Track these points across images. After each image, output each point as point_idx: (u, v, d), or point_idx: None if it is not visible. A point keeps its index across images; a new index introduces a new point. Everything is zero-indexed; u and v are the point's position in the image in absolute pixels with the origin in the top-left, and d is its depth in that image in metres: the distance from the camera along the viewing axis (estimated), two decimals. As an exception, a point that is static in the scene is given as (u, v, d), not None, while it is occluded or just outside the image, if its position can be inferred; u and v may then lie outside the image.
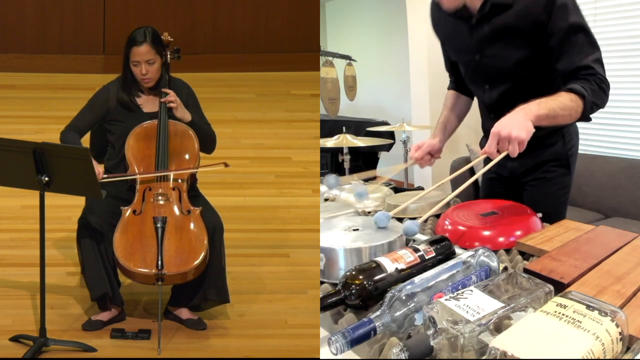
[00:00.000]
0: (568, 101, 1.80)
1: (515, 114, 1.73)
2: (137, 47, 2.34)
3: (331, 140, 4.31)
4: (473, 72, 2.17)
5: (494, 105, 2.13)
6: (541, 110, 1.75)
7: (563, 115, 1.81)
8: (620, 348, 0.98)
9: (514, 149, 1.67)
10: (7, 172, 2.15)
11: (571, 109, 1.80)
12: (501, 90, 2.09)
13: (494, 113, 2.11)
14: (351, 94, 6.59)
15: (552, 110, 1.78)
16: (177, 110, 2.38)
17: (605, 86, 1.86)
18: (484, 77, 2.13)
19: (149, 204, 2.31)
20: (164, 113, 2.38)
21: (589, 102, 1.80)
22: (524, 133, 1.67)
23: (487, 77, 2.12)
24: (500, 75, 2.06)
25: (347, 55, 6.48)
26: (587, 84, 1.81)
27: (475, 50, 2.07)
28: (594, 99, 1.81)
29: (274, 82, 3.74)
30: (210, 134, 2.46)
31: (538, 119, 1.73)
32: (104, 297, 2.27)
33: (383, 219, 1.57)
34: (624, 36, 4.31)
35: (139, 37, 2.34)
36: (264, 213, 2.89)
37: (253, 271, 2.58)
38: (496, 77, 2.08)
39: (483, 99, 2.21)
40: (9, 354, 2.17)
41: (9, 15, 3.79)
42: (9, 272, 2.53)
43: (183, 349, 2.24)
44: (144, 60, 2.34)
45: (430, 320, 1.04)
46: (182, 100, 2.39)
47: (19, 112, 3.44)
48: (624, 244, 1.52)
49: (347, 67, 6.54)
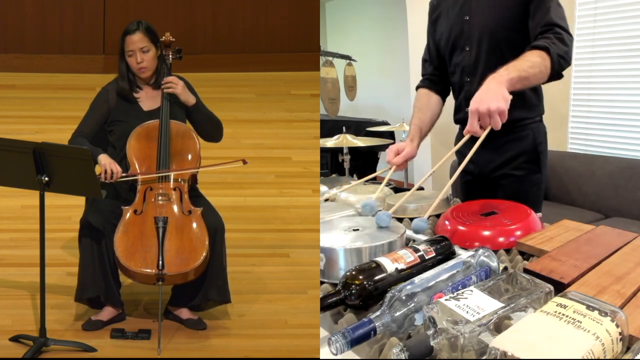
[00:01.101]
0: (534, 57, 1.83)
1: (487, 86, 1.73)
2: (130, 36, 2.35)
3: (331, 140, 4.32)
4: (458, 35, 2.22)
5: (472, 66, 2.19)
6: (512, 74, 1.76)
7: (534, 74, 1.83)
8: (620, 348, 0.98)
9: (496, 122, 1.68)
10: (7, 172, 2.15)
11: (540, 65, 1.83)
12: (481, 49, 2.15)
13: (470, 76, 2.21)
14: (351, 94, 6.60)
15: (523, 71, 1.80)
16: (180, 94, 2.38)
17: (567, 37, 1.90)
18: (467, 37, 2.19)
19: (150, 204, 2.31)
20: (165, 112, 2.38)
21: (555, 54, 1.83)
22: (502, 102, 1.67)
23: (469, 38, 2.18)
24: (483, 35, 2.14)
25: (347, 55, 6.48)
26: (548, 40, 1.86)
27: (465, 12, 2.18)
28: (558, 52, 1.85)
29: (274, 82, 3.74)
30: (215, 118, 2.46)
31: (511, 82, 1.74)
32: (94, 300, 2.27)
33: (384, 218, 1.57)
34: (624, 36, 4.31)
35: (132, 27, 2.36)
36: (264, 213, 2.89)
37: (253, 271, 2.58)
38: (478, 37, 2.15)
39: (462, 63, 2.24)
40: (9, 354, 2.17)
41: (9, 15, 3.78)
42: (9, 272, 2.53)
43: (183, 349, 2.24)
44: (138, 48, 2.35)
45: (430, 321, 1.04)
46: None
47: (19, 112, 3.44)
48: (624, 244, 1.52)
49: (347, 67, 6.55)
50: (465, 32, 2.20)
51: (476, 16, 2.16)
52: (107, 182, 2.29)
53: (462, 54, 2.24)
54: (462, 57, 2.24)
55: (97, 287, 2.25)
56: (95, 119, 2.41)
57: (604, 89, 4.51)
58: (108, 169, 2.29)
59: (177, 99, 2.40)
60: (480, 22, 2.14)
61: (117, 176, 2.29)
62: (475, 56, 2.18)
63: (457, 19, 2.22)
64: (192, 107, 2.42)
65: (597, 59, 4.49)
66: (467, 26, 2.18)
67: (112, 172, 2.29)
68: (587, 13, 4.52)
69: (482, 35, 2.15)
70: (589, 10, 4.51)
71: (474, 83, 2.19)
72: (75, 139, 2.37)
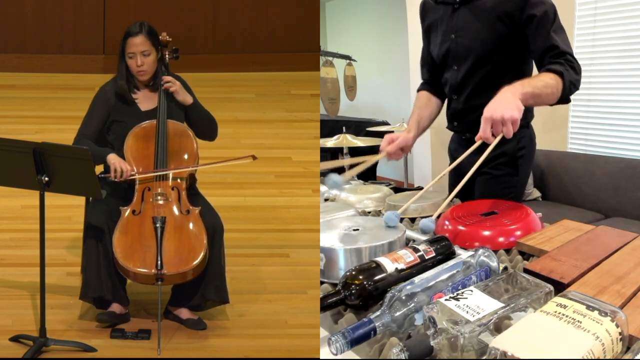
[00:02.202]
0: (548, 79, 1.87)
1: (502, 95, 1.76)
2: (132, 38, 2.35)
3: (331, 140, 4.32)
4: (446, 53, 2.23)
5: (457, 85, 2.22)
6: (526, 88, 1.79)
7: (547, 94, 1.87)
8: (620, 348, 0.98)
9: (508, 130, 1.69)
10: (7, 172, 2.15)
11: (553, 87, 1.87)
12: (466, 70, 2.17)
13: (456, 94, 2.24)
14: (351, 94, 6.60)
15: (537, 89, 1.84)
16: (178, 94, 2.39)
17: (577, 66, 1.95)
18: (454, 57, 2.20)
19: (148, 203, 2.31)
20: (162, 112, 2.38)
21: (567, 80, 1.89)
22: (516, 112, 1.70)
23: (456, 58, 2.20)
24: (468, 55, 2.15)
25: (347, 55, 6.48)
26: (562, 67, 1.90)
27: (453, 31, 2.18)
28: (570, 79, 1.90)
29: (274, 82, 3.75)
30: (212, 117, 2.46)
31: (524, 97, 1.77)
32: (98, 299, 2.27)
33: (393, 218, 1.57)
34: (624, 36, 4.31)
35: (134, 29, 2.36)
36: (263, 213, 2.89)
37: (253, 271, 2.58)
38: (464, 57, 2.16)
39: (450, 81, 2.26)
40: (9, 354, 2.17)
41: (9, 15, 3.79)
42: (9, 272, 2.53)
43: (183, 349, 2.24)
44: (140, 51, 2.35)
45: (430, 321, 1.04)
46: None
47: (19, 112, 3.44)
48: (624, 244, 1.52)
49: (347, 67, 6.55)
50: (452, 51, 2.21)
51: (463, 36, 2.16)
52: (117, 180, 2.29)
53: (450, 71, 2.26)
54: (450, 74, 2.26)
55: (102, 287, 2.25)
56: (97, 120, 2.40)
57: (604, 89, 4.51)
58: (118, 168, 2.29)
59: (175, 98, 2.40)
60: (466, 43, 2.15)
61: (126, 175, 2.29)
62: (461, 76, 2.20)
63: (445, 36, 2.23)
64: (190, 106, 2.42)
65: (597, 59, 4.49)
66: (454, 45, 2.19)
67: (121, 171, 2.29)
68: (587, 13, 4.52)
69: (468, 56, 2.15)
70: (589, 10, 4.51)
71: (460, 101, 2.25)
72: (78, 141, 2.36)
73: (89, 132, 2.38)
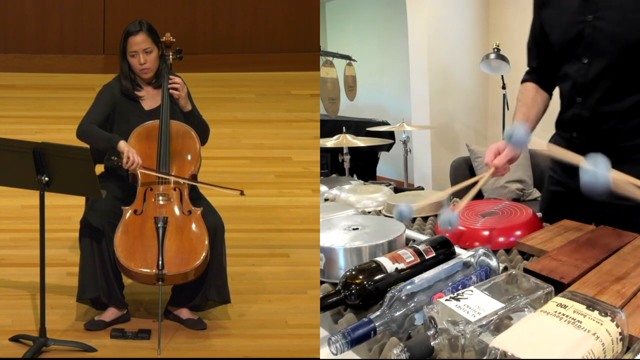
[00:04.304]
0: None
1: None
2: (133, 37, 2.34)
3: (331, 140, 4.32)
4: (575, 40, 1.72)
5: (587, 85, 1.72)
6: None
7: None
8: (620, 348, 0.99)
9: None
10: (7, 172, 2.15)
11: None
12: (603, 65, 1.67)
13: (582, 96, 1.74)
14: (351, 94, 6.59)
15: None
16: (181, 98, 2.38)
17: None
18: (587, 46, 1.69)
19: (150, 204, 2.31)
20: (166, 112, 2.38)
21: None
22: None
23: (590, 48, 1.69)
24: (611, 46, 1.64)
25: (347, 55, 6.47)
26: None
27: (590, 10, 1.66)
28: None
29: (274, 82, 3.75)
30: (205, 124, 2.46)
31: None
32: (95, 300, 2.27)
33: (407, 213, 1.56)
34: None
35: (134, 27, 2.36)
36: (264, 213, 2.89)
37: (253, 271, 2.58)
38: (603, 48, 1.66)
39: (575, 78, 1.76)
40: (9, 354, 2.17)
41: (9, 15, 3.78)
42: (9, 272, 2.53)
43: (183, 349, 2.24)
44: (142, 49, 2.34)
45: (430, 321, 1.04)
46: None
47: (19, 112, 3.44)
48: (624, 244, 1.52)
49: (347, 67, 6.54)
50: (586, 38, 1.68)
51: (605, 17, 1.63)
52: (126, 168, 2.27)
53: (576, 65, 1.74)
54: (576, 69, 1.74)
55: (97, 288, 2.25)
56: (102, 110, 2.38)
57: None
58: (131, 157, 2.26)
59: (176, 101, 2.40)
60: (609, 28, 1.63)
61: (136, 165, 2.27)
62: (595, 72, 1.69)
63: (575, 17, 1.70)
64: (187, 113, 2.42)
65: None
66: (590, 30, 1.66)
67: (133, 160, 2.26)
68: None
69: (609, 46, 1.64)
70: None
71: (586, 106, 1.74)
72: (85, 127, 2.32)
73: (93, 119, 2.36)
